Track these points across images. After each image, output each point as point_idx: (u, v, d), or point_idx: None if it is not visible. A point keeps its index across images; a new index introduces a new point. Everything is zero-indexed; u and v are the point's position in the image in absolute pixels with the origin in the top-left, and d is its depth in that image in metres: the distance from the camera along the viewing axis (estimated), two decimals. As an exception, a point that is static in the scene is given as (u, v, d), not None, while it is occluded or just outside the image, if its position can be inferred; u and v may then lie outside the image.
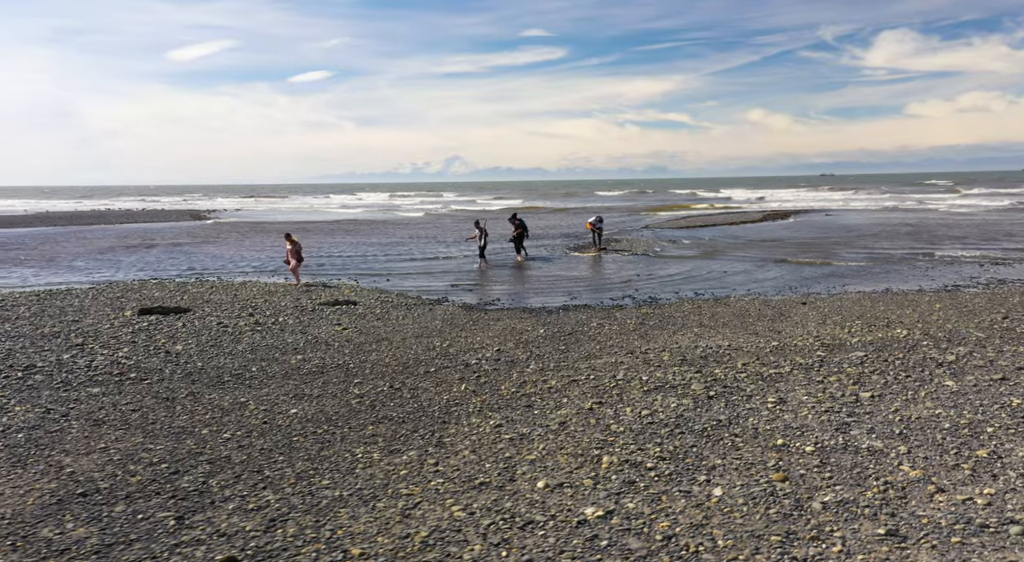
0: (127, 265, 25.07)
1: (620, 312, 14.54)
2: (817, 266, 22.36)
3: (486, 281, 19.89)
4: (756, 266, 22.44)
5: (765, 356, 10.38)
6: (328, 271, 22.53)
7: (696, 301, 15.85)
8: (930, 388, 8.55)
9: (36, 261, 26.60)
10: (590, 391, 8.65)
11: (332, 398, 8.46)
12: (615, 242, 31.00)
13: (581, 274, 21.14)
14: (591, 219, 28.53)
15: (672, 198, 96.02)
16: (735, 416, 7.63)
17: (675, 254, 26.13)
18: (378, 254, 27.85)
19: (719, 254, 25.95)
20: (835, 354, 10.42)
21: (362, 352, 11.05)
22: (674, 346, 11.19)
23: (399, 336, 12.27)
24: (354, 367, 10.08)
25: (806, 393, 8.41)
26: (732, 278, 19.87)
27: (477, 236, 23.26)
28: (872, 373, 9.26)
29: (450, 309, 15.07)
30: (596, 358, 10.52)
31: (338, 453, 6.59)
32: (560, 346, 11.38)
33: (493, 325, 13.22)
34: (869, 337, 11.62)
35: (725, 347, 11.05)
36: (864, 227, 38.87)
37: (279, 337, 12.10)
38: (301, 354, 10.89)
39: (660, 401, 8.17)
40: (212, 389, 8.87)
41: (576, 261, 24.48)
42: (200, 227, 46.78)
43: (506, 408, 8.03)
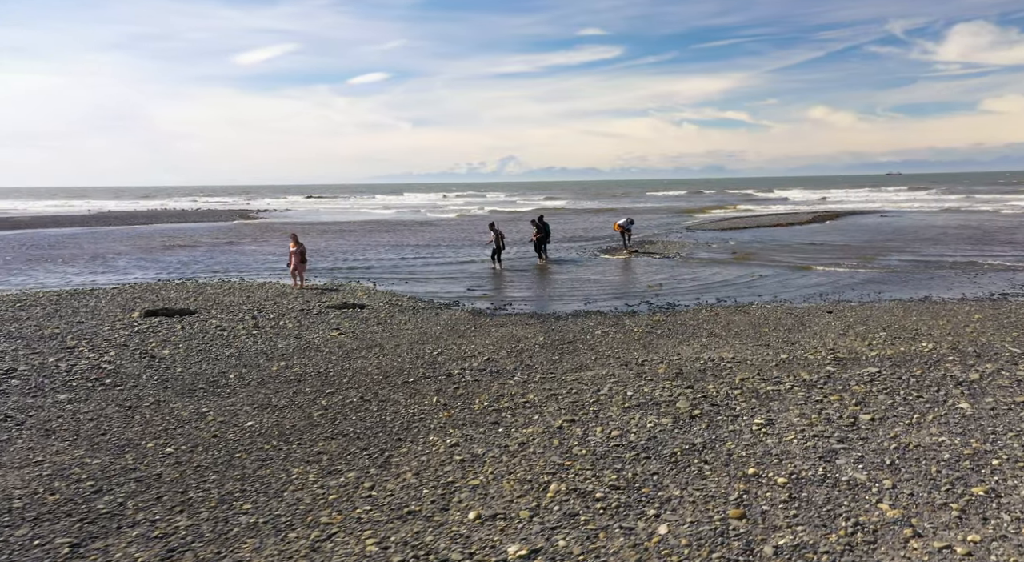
0: (163, 264, 25.44)
1: (631, 319, 13.94)
2: (856, 271, 21.28)
3: (503, 285, 19.47)
4: (790, 271, 21.48)
5: (768, 370, 9.71)
6: (350, 272, 22.42)
7: (715, 308, 15.13)
8: (940, 411, 7.80)
9: (82, 259, 27.22)
10: (567, 407, 8.15)
11: (296, 409, 8.16)
12: (649, 244, 30.22)
13: (603, 278, 20.54)
14: (620, 221, 27.81)
15: (725, 198, 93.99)
16: (713, 439, 7.04)
17: (708, 257, 25.27)
18: (406, 255, 27.69)
19: (754, 258, 25.00)
20: (846, 369, 9.68)
21: (348, 359, 10.75)
22: (674, 358, 10.59)
23: (393, 343, 11.94)
24: (333, 375, 9.78)
25: (799, 414, 7.76)
26: (761, 283, 19.01)
27: (492, 239, 22.72)
28: (880, 392, 8.53)
29: (456, 314, 14.69)
30: (588, 369, 10.00)
31: (274, 473, 6.26)
32: (554, 355, 10.89)
33: (494, 332, 12.79)
34: (889, 351, 10.81)
35: (728, 359, 10.40)
36: (918, 230, 37.14)
37: (271, 342, 11.90)
38: (285, 360, 10.64)
39: (637, 420, 7.63)
40: (180, 397, 8.66)
41: (603, 264, 23.86)
42: (245, 227, 47.54)
43: (471, 425, 7.60)
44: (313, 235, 38.93)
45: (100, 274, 22.80)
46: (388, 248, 30.94)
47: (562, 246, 30.26)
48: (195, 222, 53.80)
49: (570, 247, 29.62)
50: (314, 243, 33.33)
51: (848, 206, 63.35)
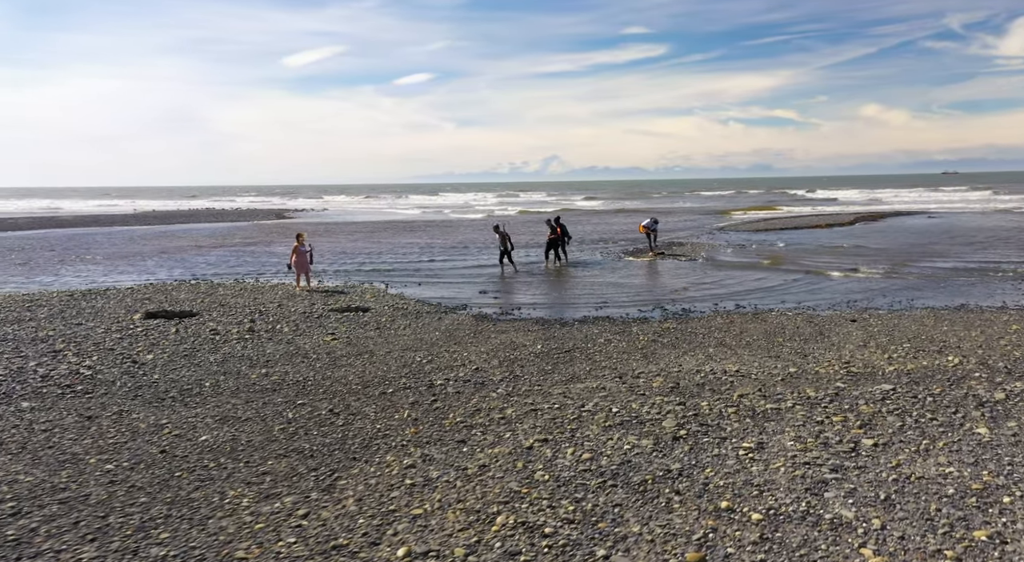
0: (190, 264, 25.51)
1: (639, 326, 13.30)
2: (891, 276, 20.23)
3: (517, 289, 18.93)
4: (820, 275, 20.52)
5: (772, 386, 9.02)
6: (368, 274, 22.13)
7: (731, 315, 14.39)
8: (954, 436, 7.05)
9: (112, 259, 27.49)
10: (543, 424, 7.61)
11: (258, 422, 7.77)
12: (676, 246, 29.37)
13: (623, 281, 19.87)
14: (644, 222, 27.03)
15: (770, 198, 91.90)
16: (692, 465, 6.43)
17: (737, 260, 24.37)
18: (427, 257, 27.35)
19: (784, 261, 24.01)
20: (857, 386, 8.94)
21: (333, 366, 10.36)
22: (674, 369, 9.95)
23: (385, 349, 11.52)
24: (312, 384, 9.39)
25: (795, 437, 7.09)
26: (787, 288, 18.15)
27: (498, 242, 22.02)
28: (890, 413, 7.80)
29: (460, 319, 14.23)
30: (578, 381, 9.43)
31: (208, 495, 5.85)
32: (547, 366, 10.34)
33: (493, 338, 12.29)
34: (910, 365, 10.01)
35: (731, 373, 9.72)
36: (967, 232, 35.52)
37: (260, 347, 11.58)
38: (268, 367, 10.29)
39: (615, 441, 7.05)
40: (145, 407, 8.35)
41: (625, 267, 23.16)
42: (278, 226, 47.86)
43: (436, 443, 7.11)
44: (341, 235, 38.93)
45: (125, 274, 22.92)
46: (411, 249, 30.66)
47: (587, 248, 29.61)
48: (231, 222, 54.42)
49: (595, 249, 28.96)
50: (341, 244, 33.27)
51: (895, 206, 61.25)
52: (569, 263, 23.50)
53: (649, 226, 26.18)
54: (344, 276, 21.48)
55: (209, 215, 61.91)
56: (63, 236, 40.01)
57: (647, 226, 26.29)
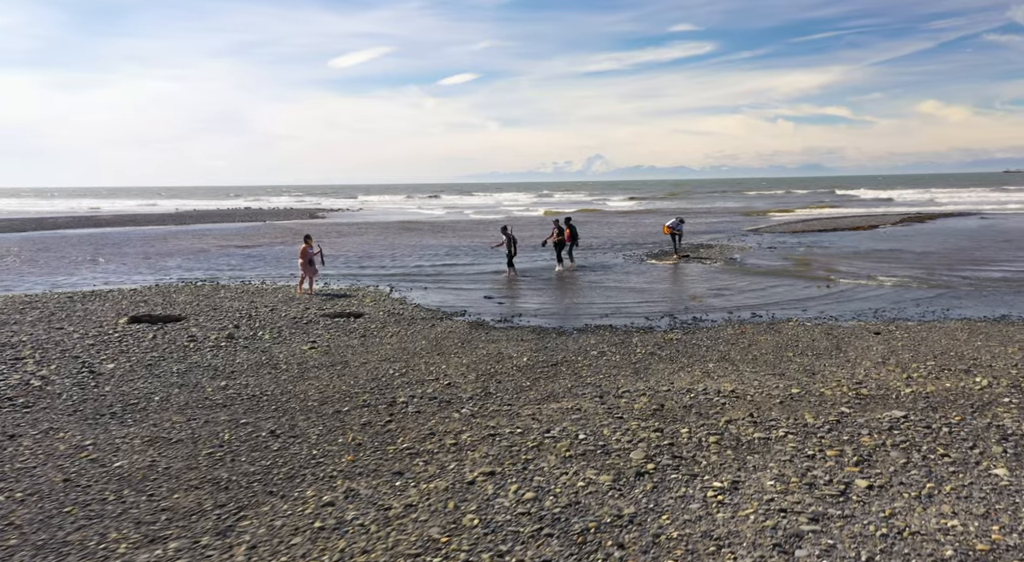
0: (209, 264, 25.29)
1: (641, 336, 12.39)
2: (928, 283, 18.87)
3: (525, 294, 18.11)
4: (850, 281, 19.25)
5: (766, 410, 8.07)
6: (374, 274, 21.56)
7: (744, 325, 13.37)
8: (965, 478, 6.07)
9: (135, 259, 27.45)
10: (497, 453, 6.81)
11: (188, 444, 7.12)
12: (704, 248, 28.20)
13: (639, 286, 18.90)
14: (669, 222, 25.92)
15: (817, 198, 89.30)
16: (649, 509, 5.58)
17: (763, 264, 23.16)
18: (443, 258, 26.71)
19: (816, 266, 22.71)
20: (865, 411, 7.95)
21: (300, 379, 9.70)
22: (663, 388, 9.06)
23: (361, 359, 10.84)
24: (267, 400, 8.74)
25: (777, 475, 6.17)
26: (812, 295, 16.99)
27: (504, 243, 21.05)
28: (895, 447, 6.82)
29: (454, 326, 13.49)
30: (554, 400, 8.61)
31: (86, 539, 5.19)
32: (527, 381, 9.53)
33: (480, 349, 11.53)
34: (930, 387, 8.95)
35: (726, 393, 8.79)
36: (1021, 236, 33.57)
37: (231, 356, 11.00)
38: (229, 379, 9.68)
39: (569, 476, 6.22)
40: (79, 424, 7.79)
41: (645, 270, 22.15)
42: (308, 226, 47.80)
43: (370, 474, 6.36)
44: (365, 236, 38.60)
45: (141, 274, 22.74)
46: (430, 250, 30.06)
47: (610, 250, 28.64)
48: (265, 221, 54.65)
49: (618, 251, 27.97)
50: (362, 245, 32.90)
51: (947, 208, 58.68)
52: (575, 267, 22.50)
53: (674, 227, 25.10)
54: (353, 279, 20.95)
55: (244, 215, 62.37)
56: (97, 235, 40.47)
57: (672, 227, 25.21)
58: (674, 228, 25.04)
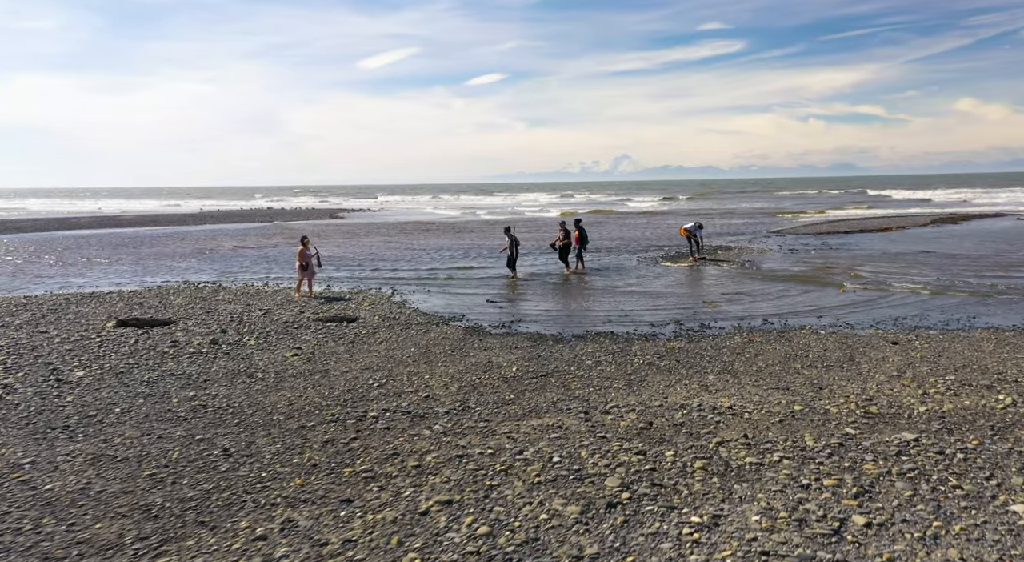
0: (220, 264, 25.05)
1: (642, 345, 11.75)
2: (954, 287, 17.94)
3: (529, 298, 17.50)
4: (872, 285, 18.39)
5: (764, 430, 7.42)
6: (382, 277, 21.10)
7: (753, 333, 12.66)
8: (978, 515, 5.39)
9: (147, 260, 27.34)
10: (460, 478, 6.25)
11: (131, 464, 6.66)
12: (723, 250, 27.38)
13: (648, 290, 18.21)
14: (687, 225, 25.13)
15: (845, 199, 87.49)
16: (613, 549, 4.99)
17: (781, 268, 22.31)
18: (452, 260, 26.20)
19: (837, 269, 21.81)
20: (872, 433, 7.26)
21: (273, 389, 9.23)
22: (655, 403, 8.43)
23: (343, 368, 10.34)
24: (232, 412, 8.26)
25: (764, 509, 5.54)
26: (829, 301, 16.19)
27: (508, 246, 20.39)
28: (902, 475, 6.14)
29: (448, 332, 12.95)
30: (536, 416, 8.02)
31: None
32: (511, 394, 8.96)
33: (470, 358, 10.98)
34: (947, 405, 8.21)
35: (722, 409, 8.14)
36: (1053, 236, 32.23)
37: (208, 364, 10.56)
38: (199, 389, 9.23)
39: (532, 506, 5.65)
40: (25, 439, 7.36)
41: (658, 273, 21.44)
42: (326, 226, 47.66)
43: (316, 501, 5.84)
44: (377, 237, 38.28)
45: (152, 275, 22.53)
46: (444, 252, 29.56)
47: (625, 252, 27.93)
48: (284, 221, 54.67)
49: (633, 253, 27.26)
50: (375, 247, 32.55)
51: (982, 208, 56.93)
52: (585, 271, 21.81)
53: (692, 230, 24.32)
54: (358, 281, 20.51)
55: (264, 215, 62.51)
56: (117, 235, 40.62)
57: (689, 229, 24.43)
58: (691, 231, 24.27)
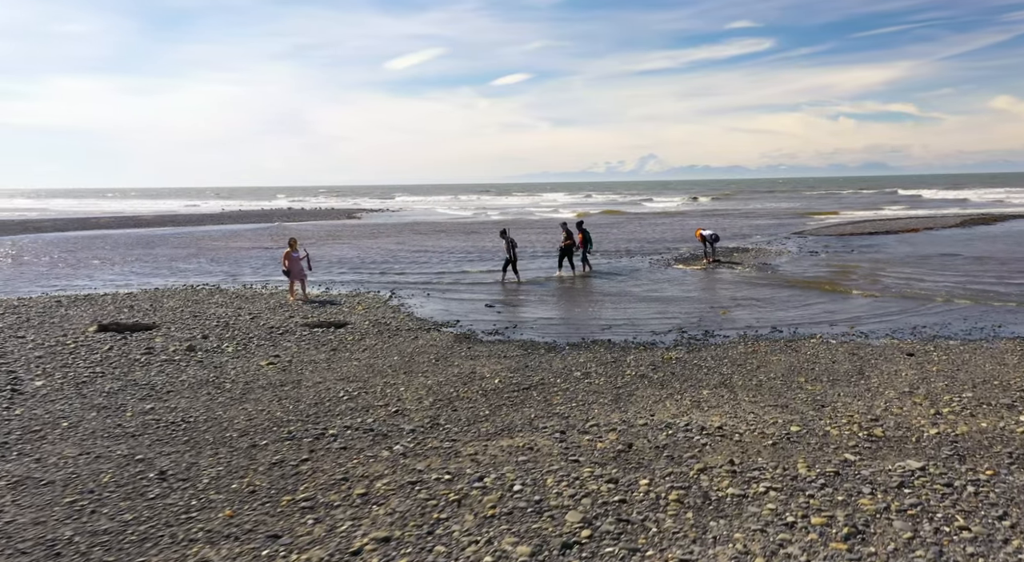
0: (226, 265, 24.76)
1: (639, 354, 11.09)
2: (981, 294, 17.00)
3: (530, 302, 16.86)
4: (892, 290, 17.50)
5: (753, 455, 6.75)
6: (383, 279, 20.61)
7: (759, 342, 11.94)
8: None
9: (160, 259, 27.17)
10: (406, 510, 5.66)
11: (56, 489, 6.15)
12: (740, 253, 26.51)
13: (656, 295, 17.49)
14: (705, 231, 24.19)
15: (874, 199, 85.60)
16: (558, 601, 4.36)
17: (797, 271, 21.43)
18: (456, 262, 25.64)
19: (856, 273, 20.90)
20: (874, 460, 6.56)
21: (235, 402, 8.71)
22: (640, 422, 7.78)
23: (317, 378, 9.82)
24: (185, 428, 7.76)
25: (739, 553, 4.89)
26: (845, 307, 15.37)
27: (505, 248, 19.68)
28: (902, 512, 5.45)
29: (437, 339, 12.39)
30: (508, 435, 7.42)
31: None
32: (487, 409, 8.36)
33: (454, 367, 10.40)
34: (962, 427, 7.47)
35: (711, 430, 7.47)
36: (1089, 238, 30.88)
37: (178, 373, 10.09)
38: (159, 401, 8.74)
39: (480, 545, 5.05)
40: (-44, 456, 6.90)
41: (669, 277, 20.70)
42: (342, 227, 47.45)
43: (241, 537, 5.28)
44: (396, 236, 37.89)
45: (156, 276, 22.29)
46: (455, 254, 29.01)
47: (638, 253, 27.16)
48: (301, 221, 54.59)
49: (646, 255, 26.50)
50: (386, 247, 32.15)
51: (1018, 209, 55.16)
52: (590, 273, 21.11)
53: (707, 237, 23.46)
54: (359, 283, 20.04)
55: (280, 215, 62.56)
56: (133, 236, 40.68)
57: (705, 236, 23.58)
58: (708, 238, 23.42)
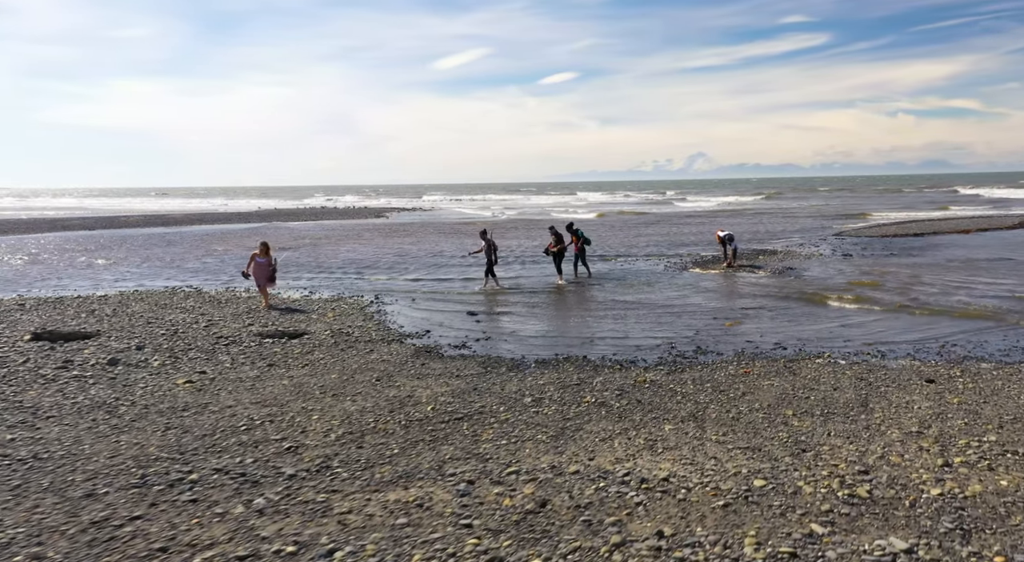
0: (230, 266, 23.95)
1: (610, 375, 9.65)
2: None
3: (516, 311, 15.43)
4: (925, 301, 15.64)
5: (694, 522, 5.30)
6: (377, 281, 19.46)
7: (754, 362, 10.38)
8: None
9: (159, 260, 26.57)
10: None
11: None
12: (766, 255, 24.64)
13: (658, 302, 15.94)
14: (721, 232, 22.42)
15: (929, 197, 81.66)
16: None
17: (824, 277, 19.56)
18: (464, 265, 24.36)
19: (890, 279, 18.93)
20: (848, 533, 5.08)
21: (116, 432, 7.55)
22: (571, 469, 6.38)
23: (229, 402, 8.63)
24: (29, 467, 6.59)
25: None
26: (866, 320, 13.64)
27: (483, 250, 18.07)
28: (865, 626, 3.94)
29: (394, 352, 11.16)
30: (403, 486, 6.10)
31: None
32: (397, 446, 7.06)
33: (391, 389, 9.13)
34: (974, 485, 5.89)
35: (654, 483, 6.04)
36: None
37: (77, 393, 8.99)
38: (29, 428, 7.63)
39: None
40: None
41: (681, 281, 19.07)
42: (365, 226, 46.67)
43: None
44: (414, 236, 36.87)
45: (156, 277, 21.56)
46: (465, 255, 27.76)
47: (655, 256, 25.49)
48: (330, 220, 54.06)
49: (662, 257, 24.83)
50: (401, 248, 31.13)
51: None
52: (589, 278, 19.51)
53: (726, 239, 21.74)
54: (345, 287, 18.92)
55: (310, 214, 62.23)
56: (155, 234, 40.47)
57: (723, 237, 21.86)
58: (726, 240, 21.71)
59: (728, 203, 77.33)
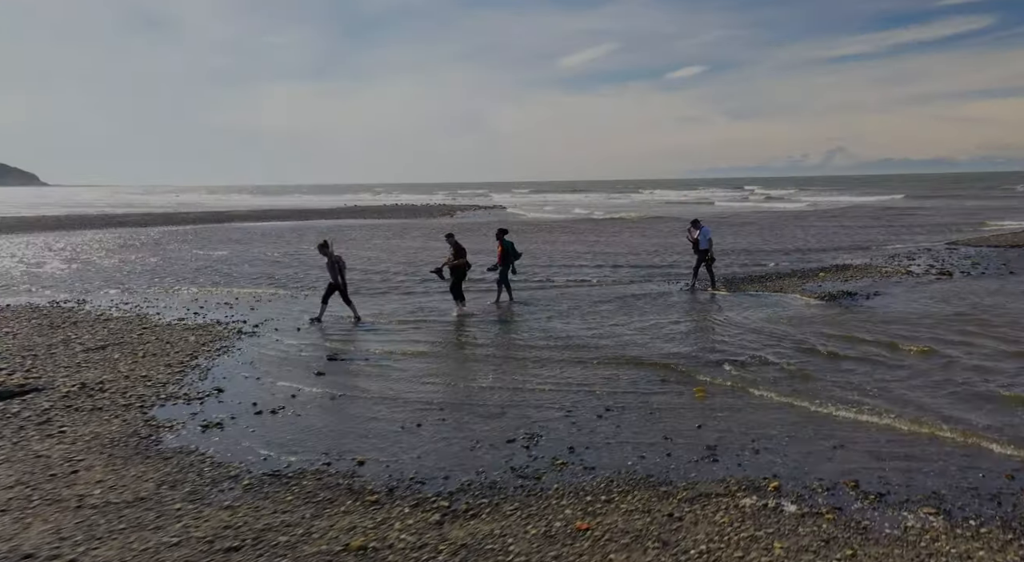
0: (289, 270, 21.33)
1: (351, 520, 5.48)
2: None
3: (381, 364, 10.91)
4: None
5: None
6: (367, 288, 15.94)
7: (625, 498, 5.89)
8: None
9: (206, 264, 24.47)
10: None
11: None
12: (829, 272, 19.07)
13: (584, 353, 11.28)
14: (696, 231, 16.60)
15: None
16: None
17: (889, 310, 13.93)
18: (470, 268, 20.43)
19: (993, 317, 13.19)
20: None
21: None
22: None
23: None
24: None
25: None
26: (917, 369, 8.62)
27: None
28: None
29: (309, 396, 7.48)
30: None
31: None
32: None
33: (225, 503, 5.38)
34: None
35: None
36: None
37: None
38: None
39: None
40: None
41: (665, 305, 14.33)
42: (422, 225, 43.89)
43: None
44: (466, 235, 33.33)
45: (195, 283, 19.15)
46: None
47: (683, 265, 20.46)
48: (395, 218, 51.69)
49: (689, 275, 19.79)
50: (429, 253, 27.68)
51: None
52: (506, 304, 14.90)
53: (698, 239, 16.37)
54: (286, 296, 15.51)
55: (384, 211, 60.36)
56: (244, 229, 40.11)
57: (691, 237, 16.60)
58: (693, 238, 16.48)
59: (853, 203, 68.40)
